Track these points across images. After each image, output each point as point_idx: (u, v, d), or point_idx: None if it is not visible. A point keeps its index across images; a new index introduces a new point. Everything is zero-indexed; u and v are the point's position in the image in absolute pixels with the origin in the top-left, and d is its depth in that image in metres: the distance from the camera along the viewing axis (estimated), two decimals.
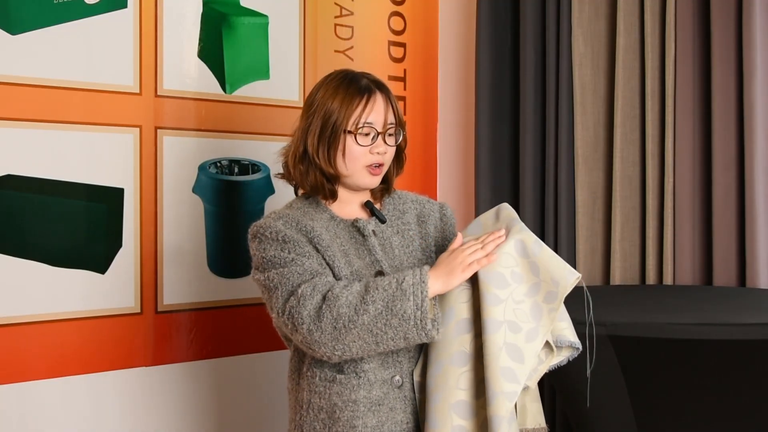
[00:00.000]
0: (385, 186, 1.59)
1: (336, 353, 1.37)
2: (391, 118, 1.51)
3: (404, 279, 1.36)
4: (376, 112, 1.49)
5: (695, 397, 1.73)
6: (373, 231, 1.54)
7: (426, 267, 1.39)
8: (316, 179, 1.53)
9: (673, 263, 2.36)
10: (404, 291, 1.34)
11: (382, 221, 1.55)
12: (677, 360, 1.70)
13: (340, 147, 1.49)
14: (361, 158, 1.49)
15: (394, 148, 1.54)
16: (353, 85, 1.51)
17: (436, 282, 1.38)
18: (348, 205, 1.57)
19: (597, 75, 2.55)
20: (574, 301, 2.13)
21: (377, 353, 1.42)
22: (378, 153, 1.49)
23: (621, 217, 2.46)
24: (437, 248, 1.58)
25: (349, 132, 1.48)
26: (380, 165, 1.51)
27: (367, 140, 1.49)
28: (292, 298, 1.39)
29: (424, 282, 1.35)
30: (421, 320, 1.33)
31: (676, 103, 2.37)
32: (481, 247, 1.40)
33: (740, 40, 2.26)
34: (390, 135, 1.52)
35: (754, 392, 1.70)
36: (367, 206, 1.56)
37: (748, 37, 2.21)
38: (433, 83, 2.90)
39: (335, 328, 1.35)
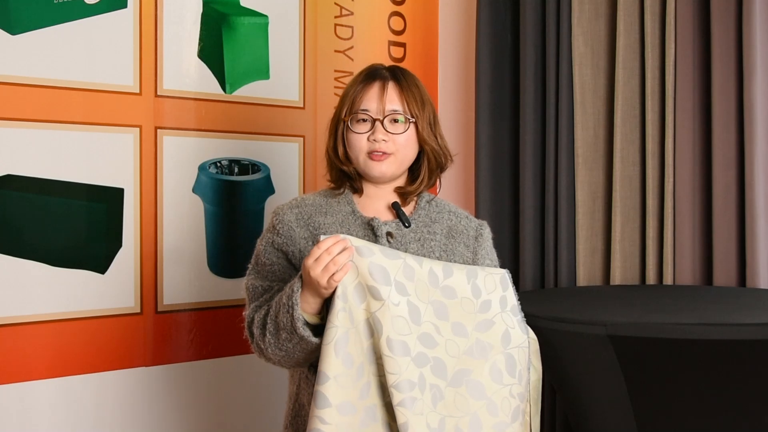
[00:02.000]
0: (414, 186, 1.53)
1: (276, 366, 1.44)
2: (393, 106, 1.46)
3: (286, 290, 1.34)
4: (370, 99, 1.47)
5: (695, 397, 1.73)
6: (389, 233, 1.47)
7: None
8: (337, 175, 1.53)
9: (673, 263, 2.36)
10: (284, 304, 1.33)
11: (406, 225, 1.48)
12: (677, 360, 1.70)
13: (340, 136, 1.49)
14: (361, 146, 1.46)
15: (401, 137, 1.47)
16: (362, 74, 1.51)
17: (305, 295, 1.32)
18: (374, 202, 1.53)
19: (597, 75, 2.55)
20: (574, 301, 2.14)
21: (305, 362, 1.41)
22: (375, 140, 1.45)
23: (621, 217, 2.46)
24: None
25: (344, 120, 1.48)
26: (383, 153, 1.46)
27: (363, 127, 1.46)
28: (245, 315, 1.46)
29: (295, 291, 1.31)
30: (295, 329, 1.30)
31: (676, 103, 2.36)
32: (332, 260, 1.28)
33: (740, 40, 2.26)
34: (395, 123, 1.47)
35: (753, 392, 1.70)
36: (394, 207, 1.51)
37: (748, 37, 2.21)
38: (433, 83, 2.90)
39: (259, 348, 1.41)
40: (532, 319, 1.68)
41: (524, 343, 1.38)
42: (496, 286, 1.39)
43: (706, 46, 2.35)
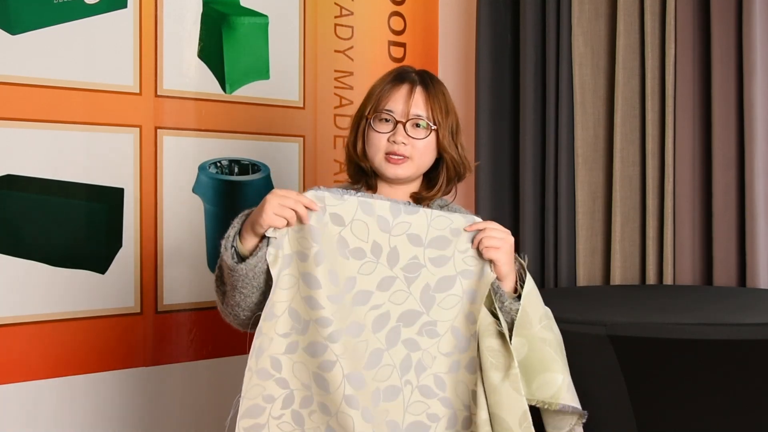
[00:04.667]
0: (429, 191, 1.54)
1: (225, 317, 1.48)
2: (418, 111, 1.47)
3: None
4: (396, 101, 1.47)
5: (695, 397, 1.73)
6: None
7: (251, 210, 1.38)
8: (354, 170, 1.54)
9: (673, 263, 2.36)
10: (225, 237, 1.38)
11: None
12: (677, 360, 1.70)
13: (361, 132, 1.50)
14: (379, 146, 1.47)
15: (420, 143, 1.47)
16: (392, 75, 1.51)
17: (246, 229, 1.35)
18: None
19: (597, 75, 2.55)
20: (574, 301, 2.14)
21: (239, 308, 1.43)
22: (395, 142, 1.45)
23: (621, 217, 2.46)
24: None
25: (367, 117, 1.48)
26: (400, 156, 1.46)
27: (385, 127, 1.46)
28: None
29: (239, 216, 1.38)
30: (224, 247, 1.35)
31: (676, 103, 2.36)
32: (293, 205, 1.33)
33: (740, 40, 2.26)
34: (417, 128, 1.47)
35: (753, 392, 1.70)
36: None
37: (748, 37, 2.21)
38: None
39: (217, 300, 1.46)
40: None
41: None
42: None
43: (706, 46, 2.35)
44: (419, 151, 1.48)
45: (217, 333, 2.30)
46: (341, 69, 2.57)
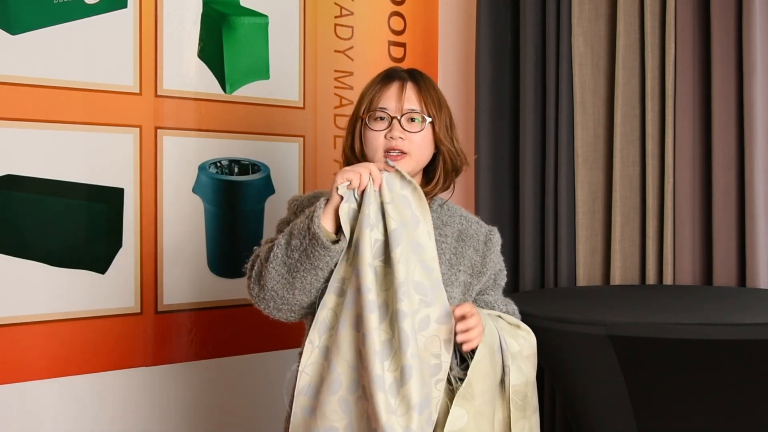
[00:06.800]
0: (429, 187, 1.54)
1: (268, 303, 1.41)
2: (411, 105, 1.48)
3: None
4: (388, 98, 1.49)
5: (695, 397, 1.73)
6: None
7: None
8: None
9: (673, 263, 2.36)
10: (305, 214, 1.38)
11: None
12: (677, 360, 1.70)
13: (357, 134, 1.51)
14: (377, 144, 1.48)
15: (417, 136, 1.48)
16: (382, 75, 1.54)
17: (328, 209, 1.39)
18: None
19: (597, 75, 2.55)
20: (574, 301, 2.14)
21: (301, 292, 1.40)
22: (392, 138, 1.46)
23: (621, 217, 2.46)
24: (474, 271, 1.53)
25: (362, 117, 1.50)
26: (399, 152, 1.47)
27: (381, 125, 1.48)
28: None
29: (320, 204, 1.39)
30: (309, 226, 1.35)
31: (676, 103, 2.37)
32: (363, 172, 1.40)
33: (740, 40, 2.26)
34: (412, 122, 1.48)
35: (754, 392, 1.70)
36: None
37: (748, 37, 2.21)
38: None
39: (260, 271, 1.40)
40: (532, 319, 1.68)
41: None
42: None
43: (706, 46, 2.35)
44: (416, 145, 1.49)
45: (217, 333, 2.30)
46: (341, 69, 2.57)
